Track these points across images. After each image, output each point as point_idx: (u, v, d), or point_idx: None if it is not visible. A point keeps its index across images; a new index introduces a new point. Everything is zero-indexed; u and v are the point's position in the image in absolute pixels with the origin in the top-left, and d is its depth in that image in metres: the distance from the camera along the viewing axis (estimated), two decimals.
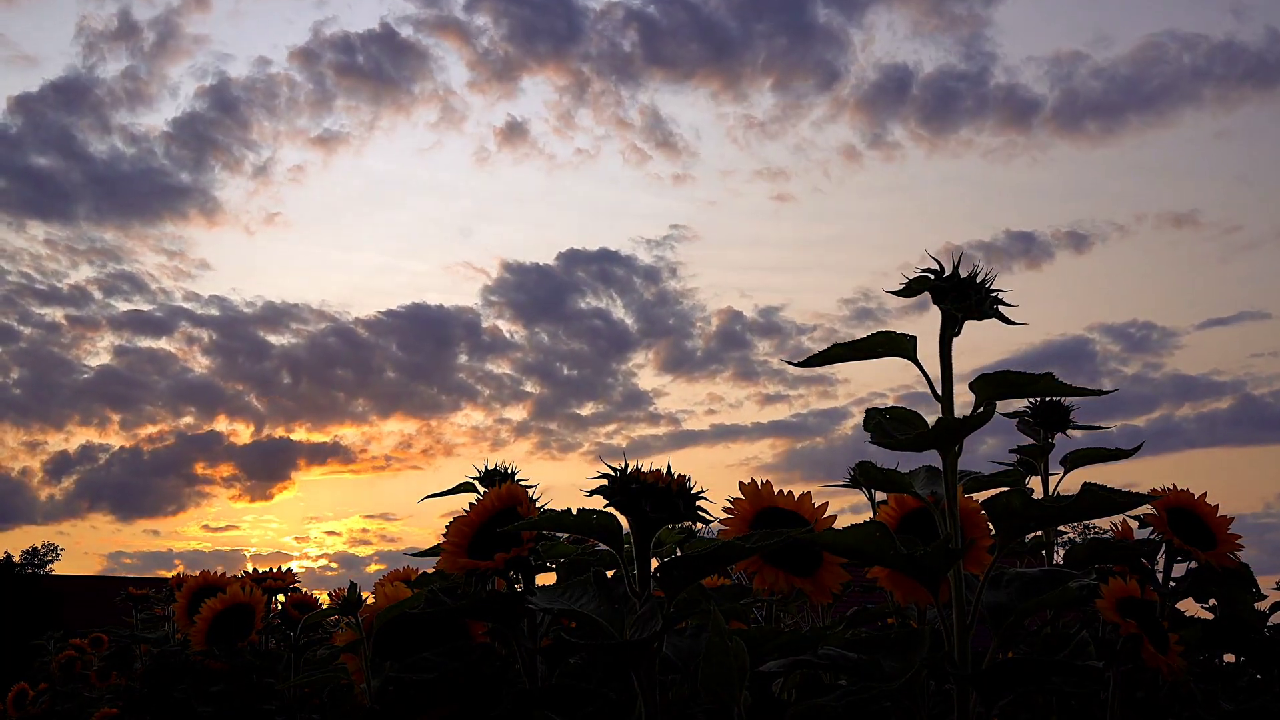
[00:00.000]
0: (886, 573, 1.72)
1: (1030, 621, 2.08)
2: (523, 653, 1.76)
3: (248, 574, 3.09)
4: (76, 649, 5.26)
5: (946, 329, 1.47)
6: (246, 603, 2.74)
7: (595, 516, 1.54)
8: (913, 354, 1.48)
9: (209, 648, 2.70)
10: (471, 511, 1.80)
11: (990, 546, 1.60)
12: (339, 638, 2.22)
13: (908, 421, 1.53)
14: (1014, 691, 1.43)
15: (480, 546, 1.77)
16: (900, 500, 1.82)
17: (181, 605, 2.89)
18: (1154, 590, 1.89)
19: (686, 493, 1.53)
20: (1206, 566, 1.93)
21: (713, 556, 1.49)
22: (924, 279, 1.45)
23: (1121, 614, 1.68)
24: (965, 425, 1.45)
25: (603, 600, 1.56)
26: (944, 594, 1.49)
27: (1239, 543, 1.94)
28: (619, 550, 1.56)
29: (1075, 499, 1.47)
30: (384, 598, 1.99)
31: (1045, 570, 1.59)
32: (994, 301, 1.45)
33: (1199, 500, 1.95)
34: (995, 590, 1.54)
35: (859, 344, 1.50)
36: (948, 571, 1.47)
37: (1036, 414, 2.29)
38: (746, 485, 1.71)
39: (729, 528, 1.70)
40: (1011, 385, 1.48)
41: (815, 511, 1.71)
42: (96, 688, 4.80)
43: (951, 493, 1.50)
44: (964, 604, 1.48)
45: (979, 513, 1.70)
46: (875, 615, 2.32)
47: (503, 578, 1.82)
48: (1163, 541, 1.95)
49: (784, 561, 1.69)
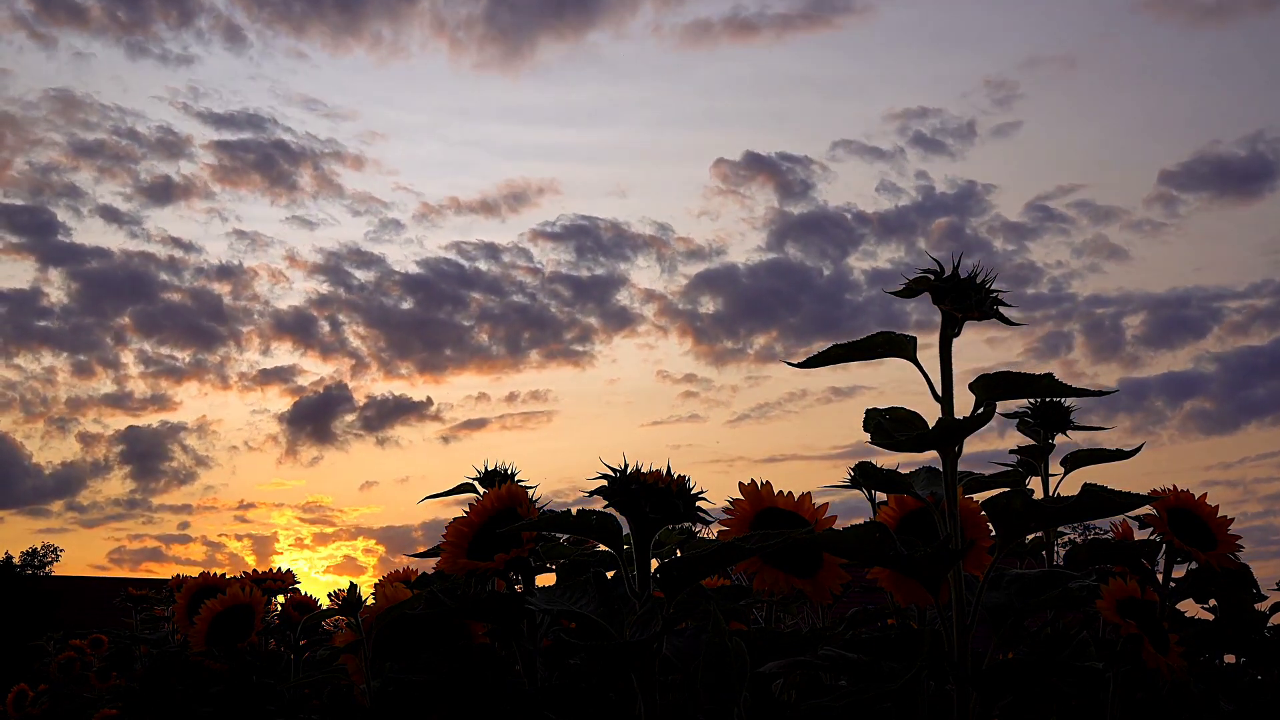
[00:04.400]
0: (886, 573, 1.72)
1: (1030, 622, 2.08)
2: (523, 654, 1.76)
3: (247, 574, 3.09)
4: (76, 650, 5.25)
5: (946, 329, 1.47)
6: (246, 603, 2.74)
7: (595, 517, 1.54)
8: (913, 354, 1.48)
9: (209, 648, 2.70)
10: (471, 512, 1.80)
11: (990, 547, 1.60)
12: (339, 638, 2.22)
13: (908, 422, 1.53)
14: (1014, 692, 1.43)
15: (480, 547, 1.77)
16: (900, 501, 1.82)
17: (181, 606, 2.89)
18: (1154, 591, 1.89)
19: (686, 493, 1.53)
20: (1206, 567, 1.93)
21: (713, 557, 1.49)
22: (924, 279, 1.45)
23: (1122, 615, 1.68)
24: (965, 426, 1.45)
25: (602, 601, 1.56)
26: (944, 595, 1.49)
27: (1239, 543, 1.94)
28: (619, 551, 1.56)
29: (1075, 500, 1.47)
30: (384, 599, 1.99)
31: (1045, 571, 1.59)
32: (994, 302, 1.45)
33: (1199, 501, 1.95)
34: (995, 591, 1.54)
35: (859, 344, 1.50)
36: (948, 572, 1.47)
37: (1036, 414, 2.29)
38: (746, 486, 1.71)
39: (729, 528, 1.69)
40: (1011, 385, 1.48)
41: (815, 512, 1.71)
42: (96, 688, 4.80)
43: (951, 493, 1.49)
44: (964, 605, 1.48)
45: (979, 513, 1.70)
46: (875, 616, 2.31)
47: (503, 578, 1.82)
48: (1163, 542, 1.95)
49: (784, 562, 1.69)
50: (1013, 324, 1.46)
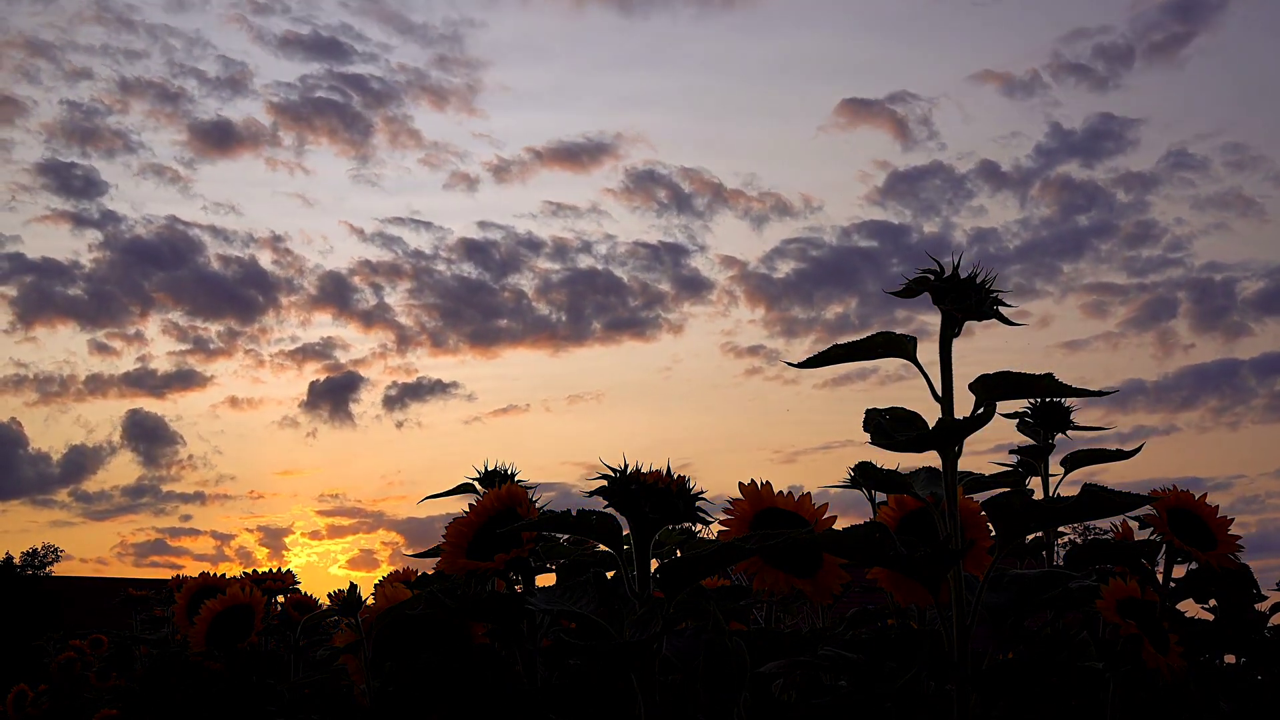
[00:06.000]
0: (886, 574, 1.72)
1: (1031, 622, 2.08)
2: (523, 654, 1.76)
3: (247, 575, 3.09)
4: (76, 650, 5.25)
5: (946, 329, 1.47)
6: (246, 603, 2.74)
7: (595, 517, 1.54)
8: (913, 354, 1.48)
9: (209, 649, 2.70)
10: (471, 512, 1.80)
11: (990, 547, 1.60)
12: (339, 639, 2.22)
13: (908, 422, 1.53)
14: (1014, 693, 1.43)
15: (480, 547, 1.77)
16: (900, 501, 1.82)
17: (181, 606, 2.89)
18: (1154, 591, 1.89)
19: (686, 493, 1.53)
20: (1206, 567, 1.93)
21: (713, 558, 1.49)
22: (924, 279, 1.45)
23: (1122, 615, 1.68)
24: (965, 426, 1.45)
25: (602, 601, 1.56)
26: (944, 595, 1.49)
27: (1239, 543, 1.94)
28: (619, 551, 1.56)
29: (1075, 500, 1.47)
30: (384, 599, 1.99)
31: (1045, 571, 1.59)
32: (994, 302, 1.45)
33: (1199, 501, 1.95)
34: (995, 591, 1.54)
35: (858, 344, 1.50)
36: (948, 572, 1.47)
37: (1036, 414, 2.29)
38: (746, 486, 1.71)
39: (729, 528, 1.69)
40: (1011, 386, 1.48)
41: (815, 512, 1.71)
42: (96, 689, 4.80)
43: (951, 493, 1.50)
44: (964, 605, 1.48)
45: (979, 514, 1.70)
46: (875, 616, 2.31)
47: (502, 579, 1.82)
48: (1163, 542, 1.95)
49: (784, 562, 1.69)
50: (1012, 324, 1.46)
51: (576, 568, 1.95)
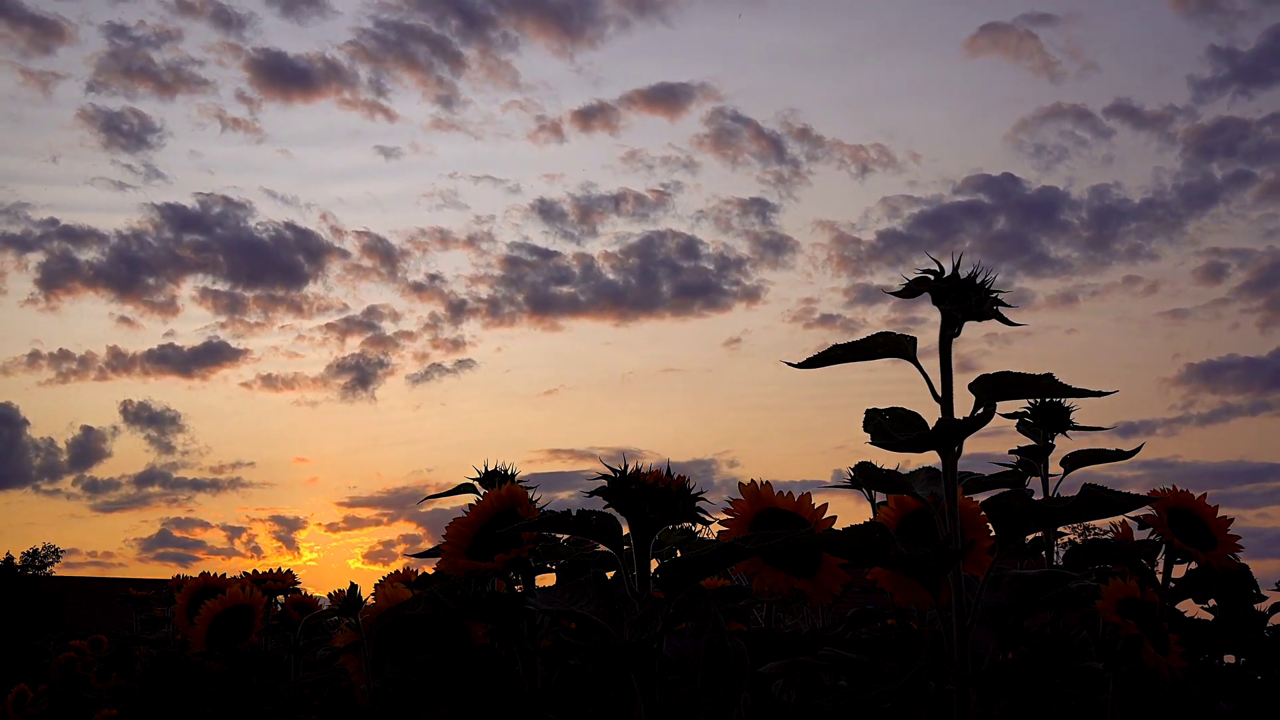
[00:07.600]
0: (886, 574, 1.72)
1: (1031, 622, 2.08)
2: (522, 654, 1.76)
3: (247, 575, 3.09)
4: (76, 650, 5.25)
5: (946, 329, 1.47)
6: (246, 604, 2.74)
7: (595, 518, 1.54)
8: (912, 355, 1.48)
9: (209, 649, 2.70)
10: (471, 512, 1.80)
11: (990, 548, 1.60)
12: (339, 639, 2.22)
13: (908, 422, 1.53)
14: (1014, 692, 1.43)
15: (480, 548, 1.77)
16: (900, 501, 1.82)
17: (181, 606, 2.89)
18: (1154, 591, 1.89)
19: (686, 494, 1.53)
20: (1206, 567, 1.93)
21: (713, 558, 1.49)
22: (924, 280, 1.45)
23: (1121, 615, 1.68)
24: (965, 426, 1.45)
25: (602, 602, 1.56)
26: (944, 595, 1.49)
27: (1239, 544, 1.94)
28: (619, 551, 1.56)
29: (1075, 500, 1.47)
30: (384, 599, 1.99)
31: (1045, 571, 1.59)
32: (994, 302, 1.45)
33: (1199, 501, 1.96)
34: (995, 591, 1.54)
35: (858, 345, 1.50)
36: (947, 573, 1.47)
37: (1036, 415, 2.29)
38: (746, 486, 1.71)
39: (729, 529, 1.70)
40: (1011, 386, 1.48)
41: (815, 513, 1.71)
42: (96, 689, 4.80)
43: (951, 494, 1.50)
44: (964, 605, 1.48)
45: (979, 514, 1.70)
46: (875, 616, 2.31)
47: (502, 579, 1.82)
48: (1163, 542, 1.95)
49: (784, 562, 1.69)
50: (1012, 324, 1.46)
51: (576, 568, 1.95)
